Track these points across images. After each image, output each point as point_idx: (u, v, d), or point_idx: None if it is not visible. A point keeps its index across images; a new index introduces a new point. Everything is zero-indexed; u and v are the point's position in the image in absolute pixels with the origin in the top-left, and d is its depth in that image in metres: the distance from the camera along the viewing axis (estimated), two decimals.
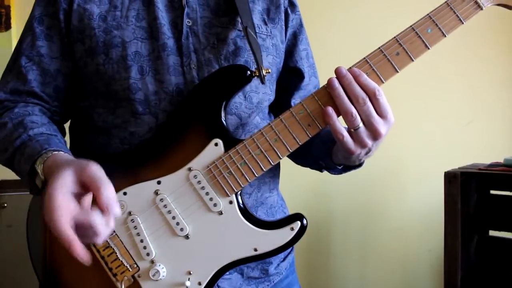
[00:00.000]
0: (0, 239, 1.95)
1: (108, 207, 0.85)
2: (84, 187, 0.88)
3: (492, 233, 2.17)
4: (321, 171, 1.27)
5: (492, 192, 2.15)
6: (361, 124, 0.98)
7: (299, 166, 1.35)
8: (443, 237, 2.11)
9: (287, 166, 1.35)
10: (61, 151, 1.00)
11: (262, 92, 1.17)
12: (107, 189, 0.86)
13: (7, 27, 2.40)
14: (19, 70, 1.12)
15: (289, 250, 1.28)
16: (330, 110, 0.99)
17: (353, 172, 1.20)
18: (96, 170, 0.88)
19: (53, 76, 1.12)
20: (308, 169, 1.32)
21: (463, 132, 2.64)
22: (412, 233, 2.65)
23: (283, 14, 1.24)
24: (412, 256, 2.67)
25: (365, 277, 2.72)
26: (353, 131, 0.99)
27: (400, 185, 2.66)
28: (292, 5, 1.27)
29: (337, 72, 1.00)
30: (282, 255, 1.25)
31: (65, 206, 0.85)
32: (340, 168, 1.18)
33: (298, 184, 2.41)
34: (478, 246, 2.13)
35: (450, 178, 2.08)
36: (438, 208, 2.18)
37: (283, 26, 1.24)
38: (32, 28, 1.12)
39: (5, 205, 1.98)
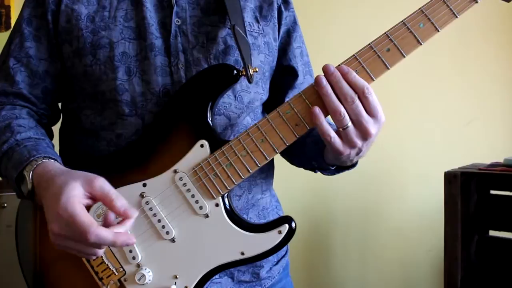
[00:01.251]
0: (0, 240, 1.92)
1: (127, 212, 0.87)
2: (93, 200, 0.90)
3: (492, 233, 2.11)
4: (314, 171, 1.21)
5: (492, 192, 2.09)
6: (350, 124, 0.93)
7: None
8: (443, 237, 2.06)
9: (286, 166, 1.30)
10: (51, 158, 0.97)
11: (253, 92, 1.12)
12: (120, 200, 0.88)
13: (7, 27, 2.38)
14: (7, 72, 1.08)
15: (282, 253, 1.23)
16: (317, 110, 0.94)
17: (352, 172, 1.14)
18: (104, 183, 0.89)
19: (41, 78, 1.09)
20: None
21: (463, 132, 2.58)
22: (412, 233, 2.59)
23: (276, 12, 1.19)
24: (412, 256, 2.62)
25: (365, 277, 2.67)
26: (341, 130, 0.93)
27: (400, 185, 2.61)
28: (285, 2, 1.22)
29: (325, 69, 0.94)
30: (274, 259, 1.19)
31: (88, 216, 0.86)
32: (332, 168, 1.12)
33: (297, 185, 2.38)
34: (478, 246, 2.08)
35: (450, 178, 2.03)
36: (438, 208, 2.13)
37: (276, 24, 1.19)
38: (20, 29, 1.09)
39: (5, 205, 1.96)
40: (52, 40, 1.08)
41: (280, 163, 1.23)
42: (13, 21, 2.36)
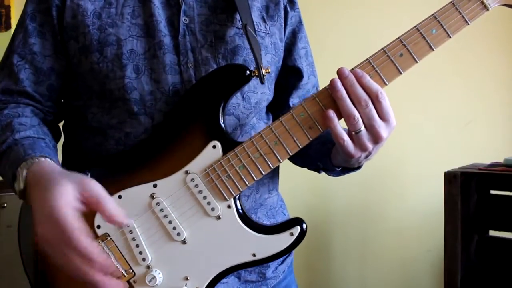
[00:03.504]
0: (0, 240, 1.90)
1: (115, 218, 0.86)
2: (84, 203, 0.86)
3: (492, 233, 2.12)
4: (319, 172, 1.22)
5: (492, 192, 2.10)
6: (362, 127, 0.93)
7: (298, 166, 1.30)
8: (443, 237, 2.06)
9: (286, 165, 1.30)
10: (47, 157, 0.95)
11: (260, 92, 1.12)
12: (109, 204, 0.86)
13: (7, 27, 2.36)
14: (11, 69, 1.06)
15: None
16: (331, 113, 0.94)
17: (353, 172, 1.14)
18: (95, 186, 0.87)
19: (46, 75, 1.07)
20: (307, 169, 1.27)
21: (463, 132, 2.59)
22: (412, 233, 2.60)
23: (282, 12, 1.18)
24: (412, 256, 2.62)
25: (365, 278, 2.68)
26: (354, 134, 0.94)
27: (400, 185, 2.62)
28: (291, 2, 1.21)
29: (340, 73, 0.94)
30: (280, 258, 1.19)
31: (77, 221, 0.83)
32: (338, 170, 1.12)
33: (297, 184, 2.37)
34: (478, 246, 2.09)
35: (450, 178, 2.03)
36: (438, 208, 2.14)
37: (282, 24, 1.19)
38: (24, 25, 1.07)
39: (5, 205, 1.94)
40: (57, 37, 1.06)
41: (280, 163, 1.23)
42: (13, 21, 2.34)
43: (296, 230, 0.97)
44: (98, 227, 0.98)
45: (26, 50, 1.06)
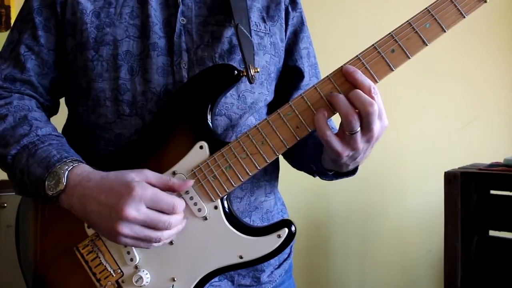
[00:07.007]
0: (0, 240, 1.89)
1: (186, 184, 0.94)
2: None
3: (492, 233, 2.09)
4: (313, 175, 1.17)
5: (492, 192, 2.06)
6: (359, 128, 0.88)
7: None
8: (443, 237, 2.03)
9: (286, 166, 1.27)
10: (81, 162, 0.95)
11: (258, 92, 1.09)
12: (173, 179, 0.93)
13: (7, 27, 2.35)
14: (18, 59, 1.04)
15: (285, 256, 1.19)
16: (321, 112, 0.90)
17: None
18: (153, 172, 0.93)
19: (51, 68, 1.06)
20: None
21: (463, 132, 2.55)
22: (412, 233, 2.57)
23: (283, 12, 1.15)
24: (412, 256, 2.59)
25: (365, 277, 2.65)
26: (348, 134, 0.89)
27: (400, 185, 2.58)
28: (293, 2, 1.18)
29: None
30: (276, 262, 1.16)
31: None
32: (330, 174, 1.07)
33: (297, 184, 2.34)
34: (478, 246, 2.05)
35: (450, 178, 2.00)
36: (438, 208, 2.11)
37: (283, 24, 1.15)
38: (31, 19, 1.05)
39: (5, 205, 1.93)
40: (61, 32, 1.05)
41: (280, 163, 1.21)
42: (13, 21, 2.33)
43: (284, 232, 0.93)
44: (89, 227, 0.97)
45: (35, 42, 1.05)
